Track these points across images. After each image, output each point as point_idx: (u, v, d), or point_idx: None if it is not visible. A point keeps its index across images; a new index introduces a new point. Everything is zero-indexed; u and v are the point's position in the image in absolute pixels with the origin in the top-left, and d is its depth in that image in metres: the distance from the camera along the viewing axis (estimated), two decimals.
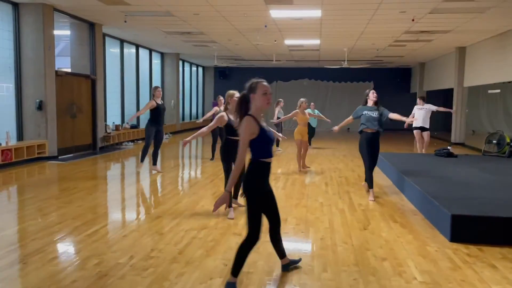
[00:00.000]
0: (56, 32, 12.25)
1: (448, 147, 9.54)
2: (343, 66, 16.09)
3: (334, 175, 8.51)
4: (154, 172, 8.37)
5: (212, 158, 10.09)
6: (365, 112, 6.30)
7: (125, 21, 10.85)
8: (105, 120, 13.38)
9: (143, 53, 16.72)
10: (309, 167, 9.21)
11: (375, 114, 6.25)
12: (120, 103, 14.61)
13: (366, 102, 6.42)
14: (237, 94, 4.68)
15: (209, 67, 24.30)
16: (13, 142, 9.25)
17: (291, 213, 5.48)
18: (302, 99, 9.10)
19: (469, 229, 4.44)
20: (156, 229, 4.71)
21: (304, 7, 9.10)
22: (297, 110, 8.85)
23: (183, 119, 20.85)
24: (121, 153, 11.77)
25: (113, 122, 13.57)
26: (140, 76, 16.24)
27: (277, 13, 9.69)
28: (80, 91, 11.26)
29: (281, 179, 7.99)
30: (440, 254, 4.09)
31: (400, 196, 6.60)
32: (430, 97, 20.10)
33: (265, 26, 11.02)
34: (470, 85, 14.62)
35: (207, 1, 8.74)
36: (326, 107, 23.36)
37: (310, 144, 12.44)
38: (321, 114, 12.70)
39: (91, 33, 11.58)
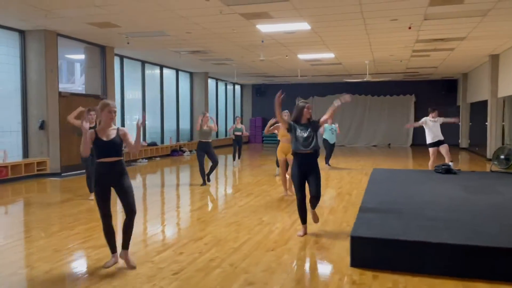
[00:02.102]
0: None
1: (449, 163, 8.69)
2: (364, 80, 15.43)
3: None
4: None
5: (204, 183, 8.83)
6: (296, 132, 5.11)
7: (128, 43, 11.30)
8: None
9: (171, 73, 17.31)
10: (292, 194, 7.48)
11: (306, 133, 5.08)
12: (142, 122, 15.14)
13: (299, 119, 5.19)
14: (112, 104, 4.02)
15: (247, 84, 24.52)
16: (18, 159, 9.93)
17: (215, 231, 5.26)
18: (286, 111, 8.51)
19: (369, 253, 3.96)
20: (53, 247, 4.73)
21: (284, 20, 8.87)
22: (278, 124, 8.11)
23: (216, 135, 21.17)
24: (130, 169, 12.04)
25: None
26: (167, 95, 16.82)
27: (265, 27, 9.56)
28: None
29: (253, 195, 7.73)
30: (319, 280, 3.69)
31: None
32: (475, 110, 18.70)
33: (262, 41, 10.92)
34: (505, 95, 13.33)
35: (188, 19, 8.85)
36: (364, 121, 22.54)
37: (328, 164, 11.86)
38: (338, 130, 12.00)
39: (102, 55, 12.19)
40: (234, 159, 12.74)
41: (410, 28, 9.40)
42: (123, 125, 13.97)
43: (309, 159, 5.06)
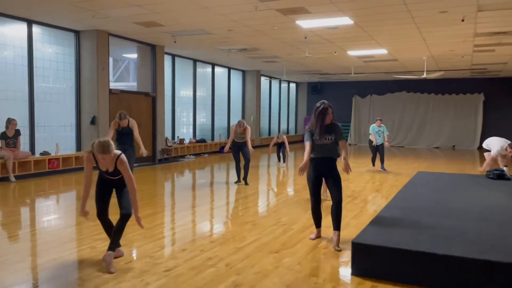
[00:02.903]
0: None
1: (504, 168, 7.94)
2: (422, 77, 14.56)
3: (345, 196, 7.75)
4: None
5: (238, 180, 8.90)
6: (316, 137, 4.58)
7: (175, 42, 11.59)
8: (173, 135, 14.35)
9: (223, 71, 17.53)
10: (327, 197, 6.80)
11: (327, 140, 4.57)
12: (192, 119, 15.54)
13: (323, 121, 4.55)
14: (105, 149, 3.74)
15: (302, 82, 24.23)
16: (72, 152, 10.57)
17: (227, 230, 5.20)
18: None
19: (370, 262, 3.69)
20: (69, 237, 4.92)
21: (324, 15, 8.59)
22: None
23: (269, 133, 21.16)
24: (175, 164, 12.45)
25: (178, 136, 14.44)
26: (219, 93, 17.09)
27: (305, 23, 9.33)
28: (139, 108, 12.29)
29: (283, 195, 7.59)
30: (311, 287, 3.48)
31: None
32: None
33: (305, 37, 10.68)
34: None
35: (226, 16, 8.87)
36: (427, 121, 21.30)
37: (383, 167, 11.15)
38: (386, 133, 11.35)
39: (153, 54, 12.61)
40: (278, 160, 12.50)
41: (463, 20, 8.70)
42: (173, 121, 14.36)
43: (327, 163, 4.65)
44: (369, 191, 8.21)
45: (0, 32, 9.21)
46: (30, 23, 9.60)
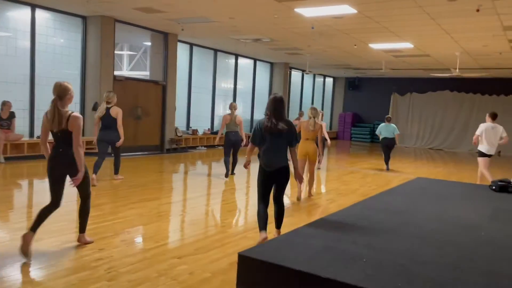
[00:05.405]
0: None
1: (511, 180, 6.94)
2: (453, 75, 13.31)
3: (323, 198, 7.14)
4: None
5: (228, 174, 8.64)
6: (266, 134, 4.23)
7: (182, 29, 11.36)
8: (187, 126, 14.20)
9: (249, 63, 17.15)
10: (312, 195, 7.09)
11: (281, 134, 4.19)
12: (211, 110, 15.32)
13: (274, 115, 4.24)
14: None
15: (340, 78, 23.27)
16: None
17: (156, 228, 4.84)
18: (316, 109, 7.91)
19: (255, 277, 3.19)
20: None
21: (321, 2, 7.94)
22: (301, 120, 7.63)
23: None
24: (183, 155, 12.28)
25: (190, 127, 14.26)
26: (244, 85, 16.77)
27: (305, 11, 8.71)
28: (148, 96, 12.21)
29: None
30: None
31: None
32: None
33: (312, 27, 10.01)
34: None
35: (218, 2, 8.46)
36: (470, 124, 19.66)
37: (387, 167, 11.04)
38: (396, 131, 10.88)
39: (165, 42, 12.46)
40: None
41: (478, 10, 7.69)
42: (188, 111, 14.20)
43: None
44: (357, 195, 7.51)
45: (4, 16, 9.39)
46: (33, 7, 9.72)
